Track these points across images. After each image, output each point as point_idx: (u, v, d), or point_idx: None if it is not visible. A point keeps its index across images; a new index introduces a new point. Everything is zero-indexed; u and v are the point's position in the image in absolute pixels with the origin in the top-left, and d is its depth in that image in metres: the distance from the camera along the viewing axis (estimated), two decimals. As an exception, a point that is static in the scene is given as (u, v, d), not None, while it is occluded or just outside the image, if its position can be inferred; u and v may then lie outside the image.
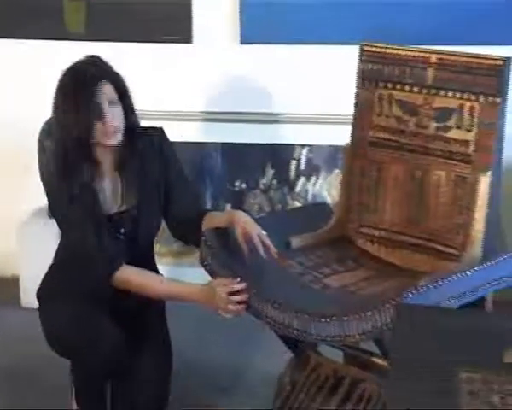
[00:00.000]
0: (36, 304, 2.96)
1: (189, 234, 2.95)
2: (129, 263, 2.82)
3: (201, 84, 3.90)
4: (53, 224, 2.90)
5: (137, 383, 2.88)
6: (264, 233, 2.77)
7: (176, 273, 3.70)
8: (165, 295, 2.87)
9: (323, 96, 3.77)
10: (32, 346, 3.24)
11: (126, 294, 2.83)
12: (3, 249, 4.11)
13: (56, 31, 3.95)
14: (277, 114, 3.86)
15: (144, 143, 2.89)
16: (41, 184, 3.24)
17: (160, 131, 2.96)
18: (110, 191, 2.88)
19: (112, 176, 2.88)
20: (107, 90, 2.77)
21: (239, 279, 2.65)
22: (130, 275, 2.80)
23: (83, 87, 2.74)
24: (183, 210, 2.93)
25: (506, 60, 2.70)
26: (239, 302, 2.65)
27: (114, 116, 2.76)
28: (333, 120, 3.69)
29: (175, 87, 3.89)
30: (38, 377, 3.27)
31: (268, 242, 2.76)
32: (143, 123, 2.92)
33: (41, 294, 2.95)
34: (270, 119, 3.86)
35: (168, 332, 3.02)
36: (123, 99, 2.82)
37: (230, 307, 2.66)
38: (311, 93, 3.81)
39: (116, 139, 2.78)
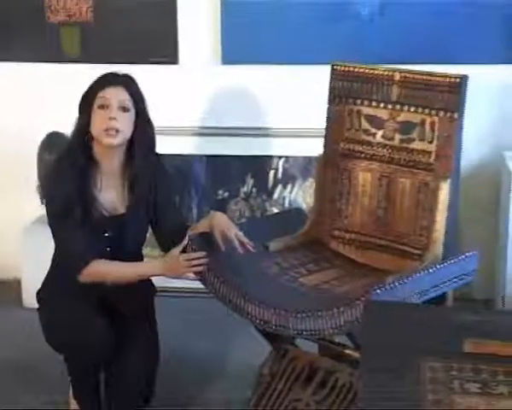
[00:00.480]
0: (36, 305, 2.95)
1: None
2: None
3: (187, 101, 3.90)
4: (52, 231, 2.88)
5: (126, 373, 2.86)
6: (241, 233, 2.77)
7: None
8: (135, 277, 2.81)
9: (298, 111, 3.77)
10: (32, 342, 3.23)
11: (116, 291, 2.83)
12: (7, 254, 4.09)
13: (54, 54, 3.93)
14: (256, 129, 3.86)
15: (149, 165, 2.86)
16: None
17: (157, 157, 2.91)
18: (109, 195, 2.83)
19: (117, 181, 2.84)
20: (120, 93, 2.75)
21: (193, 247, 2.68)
22: (98, 268, 2.75)
23: (97, 83, 2.77)
24: (169, 228, 2.89)
25: (463, 78, 2.71)
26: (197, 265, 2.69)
27: (119, 119, 2.73)
28: (307, 134, 3.69)
29: (163, 104, 3.87)
30: (38, 371, 3.25)
31: (244, 239, 2.75)
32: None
33: (39, 296, 2.94)
34: (250, 133, 3.86)
35: (156, 326, 3.00)
36: (139, 115, 2.79)
37: (192, 269, 2.68)
38: (286, 109, 3.82)
39: (113, 140, 2.73)
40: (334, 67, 2.96)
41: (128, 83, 2.80)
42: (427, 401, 1.75)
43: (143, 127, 2.81)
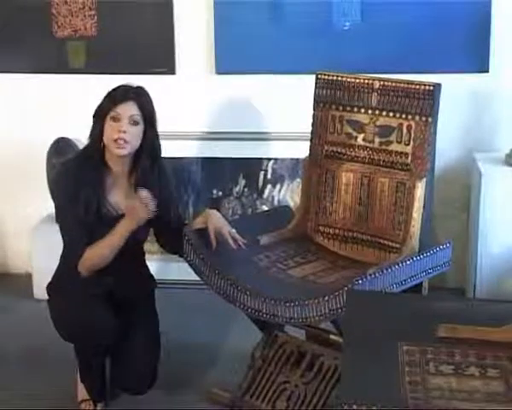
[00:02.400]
0: (46, 297, 2.94)
1: (173, 247, 2.93)
2: (120, 261, 2.78)
3: (184, 108, 3.89)
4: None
5: (131, 360, 2.86)
6: (234, 230, 2.76)
7: (164, 268, 3.70)
8: (113, 247, 2.75)
9: (286, 116, 3.77)
10: (42, 332, 3.21)
11: (120, 284, 2.82)
12: (18, 249, 4.08)
13: (61, 66, 3.92)
14: (248, 133, 3.85)
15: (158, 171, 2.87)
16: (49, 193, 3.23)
17: (159, 155, 2.90)
18: (116, 196, 2.83)
19: (124, 183, 2.84)
20: (131, 109, 2.75)
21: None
22: (88, 254, 2.74)
23: (112, 97, 2.76)
24: (168, 226, 2.89)
25: (436, 85, 2.71)
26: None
27: (129, 132, 2.73)
28: (294, 137, 3.68)
29: (161, 112, 3.86)
30: (48, 358, 3.23)
31: (237, 236, 2.76)
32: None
33: (50, 289, 2.93)
34: (242, 137, 3.85)
35: (157, 315, 3.00)
36: (148, 130, 2.79)
37: (147, 210, 2.70)
38: (275, 114, 3.81)
39: (123, 151, 2.74)
40: (319, 75, 2.96)
41: (139, 98, 2.79)
42: (405, 382, 1.75)
43: (151, 138, 2.81)
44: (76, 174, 2.77)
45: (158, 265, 3.68)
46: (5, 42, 3.93)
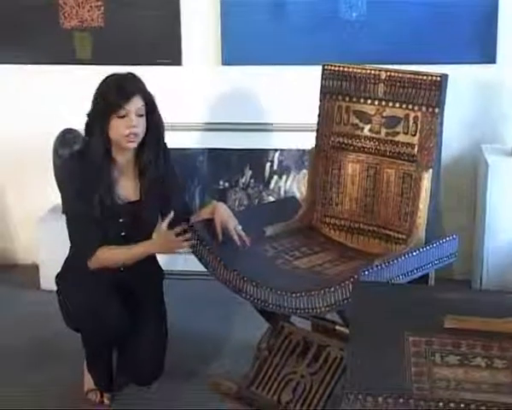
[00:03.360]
0: (52, 287, 2.94)
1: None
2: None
3: (190, 99, 3.89)
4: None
5: (138, 350, 2.88)
6: (240, 227, 2.75)
7: (171, 259, 3.69)
8: (134, 259, 2.80)
9: (292, 107, 3.76)
10: (49, 322, 3.23)
11: (128, 275, 2.83)
12: (25, 240, 4.09)
13: (68, 57, 3.92)
14: (254, 124, 3.85)
15: (161, 155, 2.87)
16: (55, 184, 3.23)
17: (163, 140, 2.92)
18: (125, 185, 2.85)
19: (131, 174, 2.85)
20: (137, 103, 2.75)
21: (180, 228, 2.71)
22: (103, 257, 2.77)
23: (120, 87, 2.75)
24: (176, 212, 2.90)
25: (443, 76, 2.70)
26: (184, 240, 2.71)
27: (138, 125, 2.74)
28: (300, 128, 3.68)
29: (168, 102, 3.85)
30: (55, 348, 3.24)
31: (242, 233, 2.75)
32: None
33: (58, 280, 2.93)
34: (248, 128, 3.84)
35: (164, 306, 3.01)
36: (150, 114, 2.79)
37: (180, 244, 2.71)
38: (281, 105, 3.80)
39: (134, 144, 2.77)
40: (325, 66, 2.95)
41: (140, 88, 2.79)
42: (410, 373, 1.74)
43: (155, 122, 2.82)
44: (83, 173, 2.77)
45: (165, 256, 3.68)
46: (12, 33, 3.93)
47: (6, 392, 2.97)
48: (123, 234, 2.85)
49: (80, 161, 2.81)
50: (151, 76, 3.84)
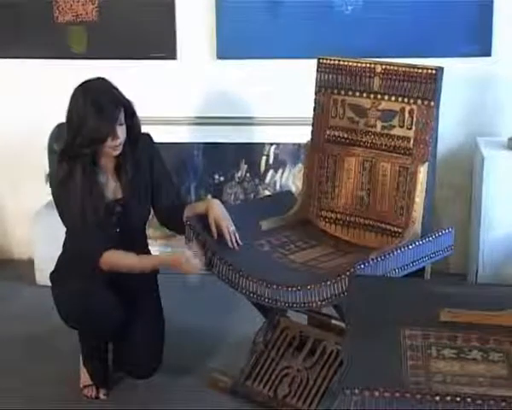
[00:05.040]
0: (48, 282, 2.94)
1: (172, 222, 2.95)
2: (123, 243, 2.79)
3: (185, 93, 3.88)
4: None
5: (135, 345, 2.88)
6: (233, 228, 2.74)
7: (166, 252, 3.69)
8: (144, 269, 2.82)
9: (287, 101, 3.75)
10: (44, 317, 3.23)
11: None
12: (21, 235, 4.08)
13: (62, 51, 3.91)
14: (249, 118, 3.84)
15: (138, 149, 2.87)
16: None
17: (148, 137, 2.93)
18: (110, 185, 2.85)
19: (112, 173, 2.86)
20: (119, 118, 2.73)
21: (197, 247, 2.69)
22: (113, 260, 2.76)
23: (102, 112, 2.68)
24: (167, 203, 2.91)
25: (439, 69, 2.70)
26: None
27: (121, 135, 2.74)
28: (296, 122, 3.67)
29: (163, 96, 3.86)
30: (51, 344, 3.24)
31: (234, 234, 2.74)
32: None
33: (53, 277, 2.93)
34: (243, 122, 3.84)
35: (160, 301, 3.01)
36: (130, 118, 2.78)
37: (193, 270, 2.70)
38: (277, 99, 3.79)
39: (118, 152, 2.78)
40: (321, 60, 2.95)
41: (119, 100, 2.74)
42: (407, 366, 1.75)
43: (130, 123, 2.80)
44: (74, 186, 2.74)
45: (161, 250, 3.69)
46: (6, 27, 3.92)
47: (1, 386, 2.96)
48: (117, 230, 2.86)
49: (68, 181, 2.77)
50: (146, 70, 3.85)
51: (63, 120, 3.72)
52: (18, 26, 3.90)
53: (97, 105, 2.69)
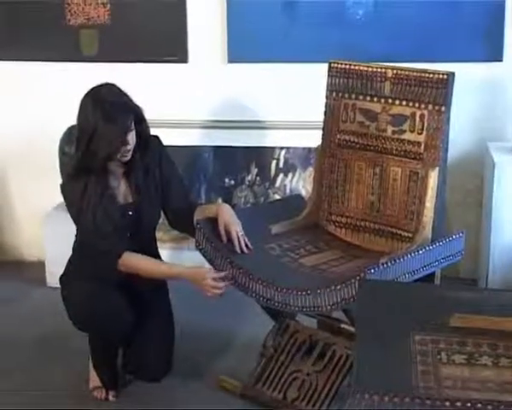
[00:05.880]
0: (58, 284, 2.95)
1: (182, 224, 2.94)
2: (134, 247, 2.80)
3: (196, 97, 3.88)
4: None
5: (146, 349, 2.89)
6: (242, 232, 2.74)
7: (176, 256, 3.70)
8: (162, 277, 2.86)
9: (298, 105, 3.76)
10: (56, 319, 3.23)
11: (134, 276, 2.83)
12: (31, 237, 4.09)
13: (74, 54, 3.92)
14: (259, 121, 3.85)
15: (147, 153, 2.87)
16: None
17: (157, 139, 2.93)
18: (121, 190, 2.86)
19: (122, 178, 2.87)
20: (130, 126, 2.74)
21: (224, 273, 2.66)
22: (132, 262, 2.77)
23: (113, 122, 2.67)
24: (177, 204, 2.92)
25: (450, 74, 2.70)
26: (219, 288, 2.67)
27: (131, 141, 2.74)
28: (306, 126, 3.67)
29: (174, 100, 3.87)
30: (61, 345, 3.25)
31: (243, 238, 2.74)
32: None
33: (62, 280, 2.94)
34: (254, 125, 3.84)
35: (170, 304, 3.01)
36: (139, 124, 2.78)
37: (213, 291, 2.67)
38: (287, 103, 3.80)
39: (128, 158, 2.78)
40: (332, 64, 2.95)
41: (129, 107, 2.74)
42: (417, 371, 1.74)
43: (140, 128, 2.80)
44: (88, 194, 2.75)
45: (170, 253, 3.69)
46: (18, 31, 3.94)
47: (12, 388, 2.97)
48: (129, 235, 2.86)
49: (78, 182, 2.78)
50: (157, 73, 3.86)
51: (74, 122, 3.76)
52: (30, 28, 3.92)
53: (108, 115, 2.67)
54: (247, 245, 2.74)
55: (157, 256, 3.00)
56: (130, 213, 2.86)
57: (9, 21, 3.94)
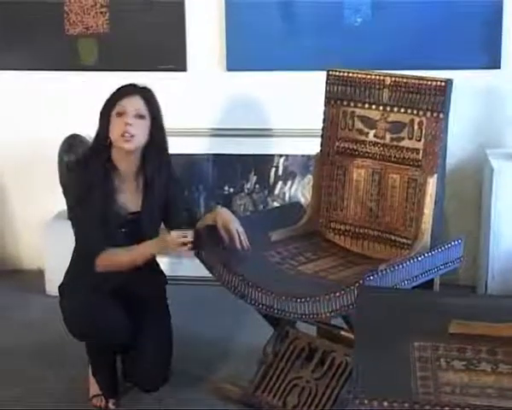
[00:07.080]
0: (58, 294, 2.95)
1: None
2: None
3: (195, 105, 3.89)
4: (72, 224, 2.89)
5: (143, 358, 2.87)
6: (242, 229, 2.75)
7: (175, 264, 3.70)
8: (135, 261, 2.80)
9: (297, 113, 3.77)
10: (55, 328, 3.22)
11: (132, 282, 2.83)
12: (31, 246, 4.10)
13: (73, 63, 3.93)
14: (258, 129, 3.85)
15: (158, 168, 2.87)
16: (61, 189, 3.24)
17: (169, 158, 2.92)
18: (127, 195, 2.86)
19: (131, 183, 2.86)
20: (136, 102, 2.76)
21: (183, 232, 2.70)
22: (108, 256, 2.76)
23: (116, 93, 2.77)
24: (178, 221, 2.91)
25: (448, 81, 2.71)
26: (185, 245, 2.69)
27: (134, 125, 2.74)
28: (305, 134, 3.68)
29: (173, 108, 3.86)
30: (60, 353, 3.25)
31: (243, 235, 2.75)
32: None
33: (61, 289, 2.93)
34: (253, 133, 3.85)
35: (169, 311, 3.01)
36: (156, 129, 2.80)
37: (178, 248, 2.70)
38: (286, 111, 3.81)
39: (130, 145, 2.75)
40: (330, 72, 2.96)
41: (144, 93, 2.81)
42: (416, 378, 1.75)
43: (158, 134, 2.82)
44: (85, 176, 2.77)
45: (169, 261, 3.69)
46: (18, 39, 3.95)
47: (10, 397, 2.97)
48: (125, 244, 2.84)
49: (84, 168, 2.82)
50: (156, 81, 3.86)
51: (74, 131, 3.77)
52: (29, 37, 3.93)
53: (125, 85, 2.80)
54: (246, 243, 2.74)
55: (155, 264, 3.00)
56: (131, 221, 2.85)
57: (7, 30, 3.95)
